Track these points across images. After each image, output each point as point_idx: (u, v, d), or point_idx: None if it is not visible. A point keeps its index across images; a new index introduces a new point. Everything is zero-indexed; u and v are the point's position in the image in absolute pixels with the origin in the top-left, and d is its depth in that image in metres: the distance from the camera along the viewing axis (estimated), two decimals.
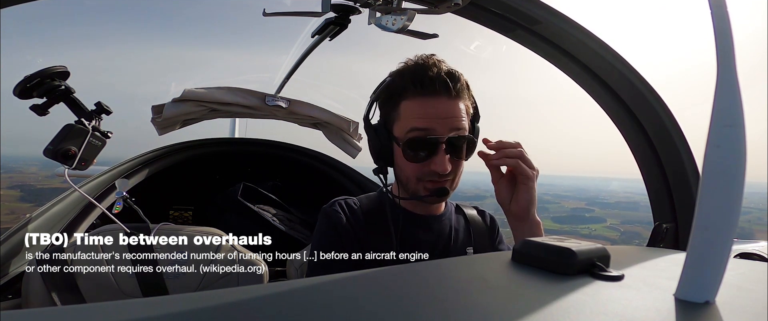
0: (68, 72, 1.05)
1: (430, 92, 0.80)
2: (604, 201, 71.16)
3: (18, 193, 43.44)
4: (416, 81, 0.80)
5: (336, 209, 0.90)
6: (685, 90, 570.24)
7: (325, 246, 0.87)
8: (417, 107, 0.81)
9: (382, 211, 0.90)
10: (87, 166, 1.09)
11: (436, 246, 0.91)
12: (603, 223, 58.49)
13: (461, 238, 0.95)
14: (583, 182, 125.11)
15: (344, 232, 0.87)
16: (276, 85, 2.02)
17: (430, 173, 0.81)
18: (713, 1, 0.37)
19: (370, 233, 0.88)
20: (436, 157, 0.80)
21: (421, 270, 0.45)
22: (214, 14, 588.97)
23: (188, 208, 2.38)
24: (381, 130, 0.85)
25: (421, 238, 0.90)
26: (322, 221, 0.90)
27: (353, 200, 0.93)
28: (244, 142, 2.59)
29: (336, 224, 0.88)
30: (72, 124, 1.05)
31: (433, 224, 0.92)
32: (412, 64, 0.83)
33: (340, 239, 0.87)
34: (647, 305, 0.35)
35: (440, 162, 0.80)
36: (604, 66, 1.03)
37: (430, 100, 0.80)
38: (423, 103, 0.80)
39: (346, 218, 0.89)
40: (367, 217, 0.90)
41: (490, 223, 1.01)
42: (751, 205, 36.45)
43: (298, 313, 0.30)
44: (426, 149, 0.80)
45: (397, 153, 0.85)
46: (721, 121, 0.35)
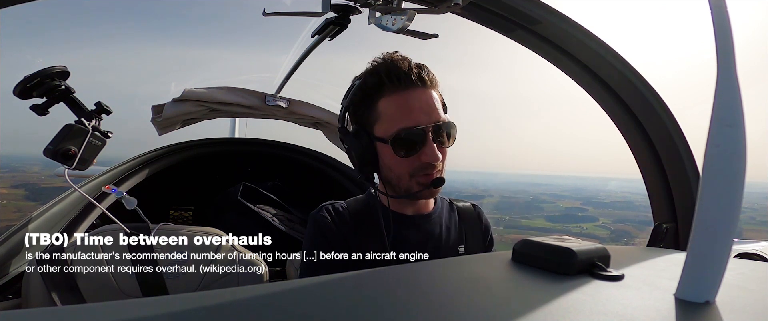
0: (68, 72, 1.05)
1: (406, 86, 0.81)
2: (600, 201, 71.94)
3: (23, 192, 43.64)
4: (392, 77, 0.81)
5: (323, 214, 0.89)
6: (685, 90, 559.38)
7: (314, 251, 0.86)
8: (397, 103, 0.81)
9: (371, 213, 0.89)
10: (87, 166, 1.09)
11: (425, 245, 0.89)
12: (595, 222, 59.14)
13: (453, 237, 0.94)
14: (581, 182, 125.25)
15: (332, 236, 0.87)
16: (276, 85, 2.02)
17: (422, 166, 0.82)
18: (713, 1, 0.37)
19: (359, 236, 0.87)
20: (425, 149, 0.80)
21: (421, 270, 0.45)
22: (214, 14, 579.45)
23: (188, 208, 2.38)
24: (361, 133, 0.84)
25: (410, 238, 0.89)
26: (310, 227, 0.90)
27: (341, 204, 0.92)
28: (244, 142, 2.59)
29: (323, 229, 0.87)
30: (72, 124, 1.05)
31: (421, 224, 0.91)
32: (382, 62, 0.84)
33: (329, 244, 0.86)
34: (647, 305, 0.35)
35: (431, 152, 0.80)
36: (604, 66, 1.03)
37: (409, 94, 0.81)
38: (403, 98, 0.81)
39: (334, 222, 0.88)
40: (355, 219, 0.89)
41: (483, 222, 1.00)
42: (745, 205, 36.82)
43: (298, 313, 0.30)
44: (415, 142, 0.81)
45: (383, 152, 0.84)
46: (721, 121, 0.35)
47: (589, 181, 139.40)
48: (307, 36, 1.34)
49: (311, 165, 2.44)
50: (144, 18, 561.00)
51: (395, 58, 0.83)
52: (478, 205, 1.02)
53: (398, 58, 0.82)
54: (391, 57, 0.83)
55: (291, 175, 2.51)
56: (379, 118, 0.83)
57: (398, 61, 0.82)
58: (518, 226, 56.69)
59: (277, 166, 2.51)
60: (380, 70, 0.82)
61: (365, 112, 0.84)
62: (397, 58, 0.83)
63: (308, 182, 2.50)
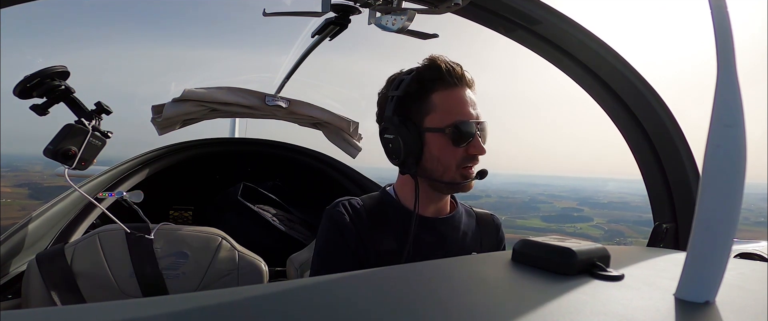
0: (68, 72, 1.05)
1: (459, 84, 0.87)
2: (597, 201, 73.12)
3: (26, 191, 43.86)
4: (451, 73, 0.87)
5: (340, 210, 0.89)
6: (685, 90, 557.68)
7: (330, 248, 0.87)
8: (454, 97, 0.87)
9: (386, 212, 0.90)
10: (87, 166, 1.09)
11: (441, 248, 0.90)
12: (590, 222, 60.87)
13: (468, 243, 0.95)
14: (580, 183, 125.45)
15: (349, 234, 0.87)
16: (276, 85, 2.02)
17: (469, 158, 0.87)
18: (713, 1, 0.37)
19: (375, 235, 0.87)
20: (473, 141, 0.86)
21: (421, 270, 0.45)
22: (215, 14, 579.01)
23: (188, 208, 2.38)
24: (409, 123, 0.87)
25: (427, 240, 0.90)
26: (326, 222, 0.90)
27: (357, 200, 0.93)
28: (244, 142, 2.59)
29: (340, 226, 0.87)
30: (72, 124, 1.05)
31: (439, 226, 0.92)
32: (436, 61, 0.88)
33: (345, 241, 0.86)
34: (647, 305, 0.35)
35: (478, 145, 0.87)
36: (604, 66, 1.03)
37: (461, 91, 0.88)
38: (457, 93, 0.87)
39: (351, 220, 0.88)
40: (372, 218, 0.90)
41: (500, 233, 1.02)
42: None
43: (298, 313, 0.30)
44: (468, 134, 0.86)
45: (433, 143, 0.86)
46: (721, 121, 0.35)
47: (588, 182, 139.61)
48: (307, 36, 1.34)
49: (311, 165, 2.44)
50: (144, 18, 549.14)
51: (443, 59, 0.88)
52: (498, 217, 1.05)
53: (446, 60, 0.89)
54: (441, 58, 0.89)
55: (291, 175, 2.51)
56: (433, 110, 0.87)
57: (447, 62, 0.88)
58: (514, 226, 56.97)
59: (277, 166, 2.51)
60: (438, 66, 0.87)
61: (417, 104, 0.88)
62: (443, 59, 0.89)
63: (308, 182, 2.50)
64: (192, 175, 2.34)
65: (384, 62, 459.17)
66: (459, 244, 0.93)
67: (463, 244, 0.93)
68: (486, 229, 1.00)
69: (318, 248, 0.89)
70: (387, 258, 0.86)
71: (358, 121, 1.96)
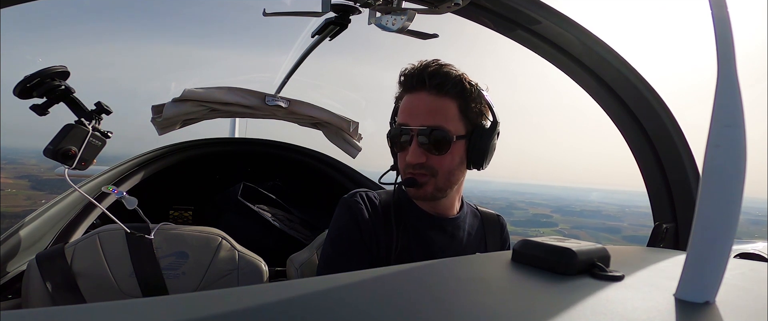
0: (68, 72, 1.05)
1: (412, 88, 0.87)
2: (571, 209, 78.01)
3: (27, 182, 44.33)
4: (408, 78, 0.87)
5: (357, 200, 0.90)
6: (685, 90, 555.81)
7: (344, 238, 0.87)
8: (405, 102, 0.88)
9: (399, 209, 0.91)
10: (87, 166, 1.09)
11: (449, 248, 0.91)
12: (554, 227, 65.58)
13: (474, 242, 0.95)
14: (564, 192, 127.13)
15: (365, 226, 0.87)
16: (276, 85, 2.02)
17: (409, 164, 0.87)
18: (713, 2, 0.37)
19: (389, 231, 0.88)
20: (409, 148, 0.86)
21: (422, 270, 0.45)
22: (215, 14, 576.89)
23: (188, 208, 2.38)
24: (391, 126, 0.93)
25: (435, 239, 0.90)
26: (343, 211, 0.90)
27: (373, 194, 0.94)
28: (244, 142, 2.59)
29: (357, 217, 0.88)
30: (72, 124, 1.05)
31: (446, 226, 0.92)
32: (409, 65, 0.89)
33: (360, 234, 0.87)
34: (647, 305, 0.35)
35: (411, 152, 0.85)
36: (603, 66, 1.03)
37: (412, 96, 0.87)
38: (407, 99, 0.88)
39: (368, 212, 0.89)
40: (386, 214, 0.91)
41: (504, 233, 1.03)
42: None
43: (299, 313, 0.30)
44: (401, 141, 0.86)
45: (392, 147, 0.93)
46: (721, 121, 0.35)
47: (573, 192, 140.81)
48: (307, 36, 1.34)
49: (311, 165, 2.44)
50: (144, 18, 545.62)
51: (422, 62, 0.87)
52: (503, 217, 1.05)
53: (422, 63, 0.87)
54: (421, 61, 0.88)
55: (291, 175, 2.51)
56: (398, 113, 0.90)
57: (419, 65, 0.87)
58: None
59: (277, 166, 2.51)
60: (403, 70, 0.89)
61: (395, 108, 0.92)
62: (422, 62, 0.87)
63: (308, 182, 2.50)
64: (192, 175, 2.34)
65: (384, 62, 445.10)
66: (464, 243, 0.93)
67: (468, 244, 0.94)
68: (491, 229, 1.00)
69: (332, 236, 0.89)
70: (398, 255, 0.86)
71: (357, 121, 1.96)
